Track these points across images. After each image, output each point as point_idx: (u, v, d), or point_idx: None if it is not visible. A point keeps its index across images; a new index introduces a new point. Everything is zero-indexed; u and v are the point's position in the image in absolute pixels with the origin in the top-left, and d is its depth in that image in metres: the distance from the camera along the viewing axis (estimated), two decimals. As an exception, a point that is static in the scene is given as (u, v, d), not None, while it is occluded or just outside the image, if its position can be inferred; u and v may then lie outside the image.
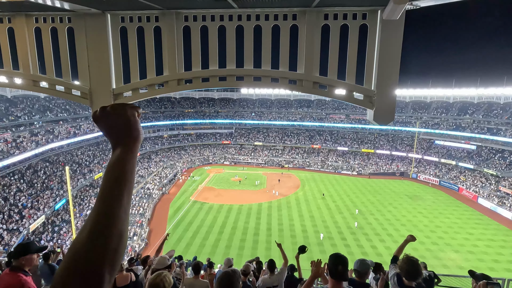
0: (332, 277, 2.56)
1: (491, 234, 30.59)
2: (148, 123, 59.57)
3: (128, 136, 0.90)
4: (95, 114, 0.93)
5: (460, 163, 49.54)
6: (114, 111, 0.93)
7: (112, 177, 0.80)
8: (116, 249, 0.70)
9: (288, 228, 31.53)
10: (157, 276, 2.84)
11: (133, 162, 0.86)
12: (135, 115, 0.95)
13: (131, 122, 0.92)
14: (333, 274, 2.56)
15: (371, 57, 3.02)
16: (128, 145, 0.88)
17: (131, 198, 0.83)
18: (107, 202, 0.76)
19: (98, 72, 3.08)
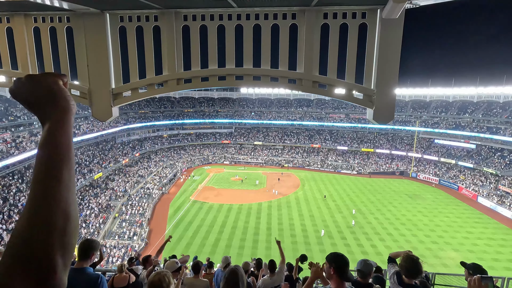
0: (341, 278, 2.56)
1: (490, 233, 30.64)
2: (147, 122, 59.58)
3: (55, 107, 0.79)
4: (11, 88, 0.83)
5: (460, 162, 49.60)
6: (32, 80, 0.82)
7: (44, 155, 0.72)
8: (64, 228, 0.64)
9: (288, 228, 31.56)
10: (156, 275, 2.84)
11: (67, 136, 0.77)
12: (58, 83, 0.83)
13: (54, 91, 0.81)
14: (341, 275, 2.56)
15: (371, 56, 3.02)
16: (56, 118, 0.78)
17: (74, 176, 0.74)
18: (43, 181, 0.68)
19: (97, 72, 3.08)
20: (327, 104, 68.62)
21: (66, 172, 0.71)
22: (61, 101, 0.81)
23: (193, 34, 3.11)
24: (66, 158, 0.73)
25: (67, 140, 0.76)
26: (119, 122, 52.69)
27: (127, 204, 36.15)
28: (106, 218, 31.75)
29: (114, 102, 3.17)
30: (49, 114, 0.79)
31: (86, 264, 3.03)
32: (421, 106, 61.49)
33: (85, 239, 3.18)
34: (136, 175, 45.72)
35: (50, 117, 0.78)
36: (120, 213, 34.16)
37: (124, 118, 55.55)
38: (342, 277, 2.57)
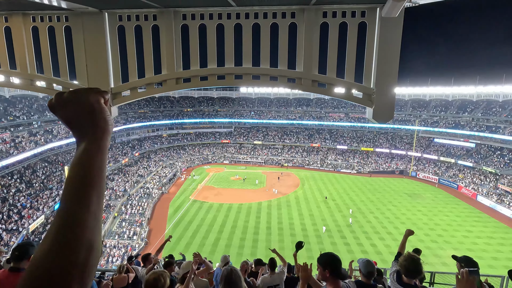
0: (338, 278, 2.55)
1: (490, 232, 30.69)
2: (147, 122, 59.53)
3: (94, 127, 0.76)
4: (51, 102, 0.78)
5: (459, 161, 49.65)
6: (74, 97, 0.77)
7: (77, 177, 0.68)
8: (85, 263, 0.60)
9: (288, 227, 31.58)
10: (152, 274, 2.84)
11: (102, 159, 0.74)
12: (100, 102, 0.80)
13: (96, 111, 0.77)
14: (338, 275, 2.56)
15: (370, 55, 3.02)
16: (95, 138, 0.75)
17: (103, 202, 0.71)
18: (72, 206, 0.65)
19: (96, 71, 3.07)
20: (326, 104, 68.59)
21: (95, 199, 0.68)
22: (101, 122, 0.77)
23: (192, 33, 3.10)
24: (98, 183, 0.70)
25: (101, 164, 0.73)
26: (118, 121, 52.63)
27: (126, 204, 36.14)
28: (106, 218, 31.73)
29: (113, 102, 3.17)
30: (86, 134, 0.75)
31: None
32: (420, 105, 61.51)
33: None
34: (136, 175, 45.70)
35: (88, 137, 0.75)
36: (120, 213, 34.16)
37: (124, 117, 55.50)
38: (339, 277, 2.58)
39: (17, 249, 2.86)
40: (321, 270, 2.59)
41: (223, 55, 3.13)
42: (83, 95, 0.78)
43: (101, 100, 0.80)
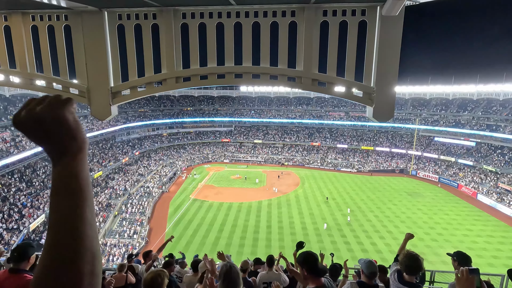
0: (317, 276, 2.60)
1: (490, 230, 30.71)
2: (147, 121, 59.53)
3: (73, 140, 0.71)
4: (18, 118, 0.69)
5: (460, 160, 49.64)
6: (45, 111, 0.69)
7: (67, 193, 0.67)
8: (92, 271, 0.62)
9: (288, 226, 31.61)
10: (149, 274, 2.86)
11: (87, 171, 0.72)
12: (72, 111, 0.72)
13: (69, 121, 0.71)
14: (316, 273, 2.59)
15: (370, 54, 3.01)
16: (75, 152, 0.71)
17: (94, 212, 0.71)
18: (68, 221, 0.64)
19: (95, 70, 3.06)
20: (326, 102, 68.54)
21: (88, 210, 0.68)
22: (79, 133, 0.72)
23: (192, 32, 3.09)
24: (87, 194, 0.70)
25: (87, 177, 0.72)
26: (118, 121, 52.63)
27: (127, 203, 36.18)
28: (107, 217, 31.78)
29: (113, 101, 3.16)
30: (65, 148, 0.70)
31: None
32: (421, 104, 61.44)
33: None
34: (136, 174, 45.73)
35: (68, 151, 0.70)
36: (120, 212, 34.20)
37: (124, 116, 55.50)
38: (318, 275, 2.60)
39: (17, 250, 2.85)
40: (301, 269, 2.64)
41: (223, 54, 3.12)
42: (55, 106, 0.70)
43: (72, 109, 0.73)
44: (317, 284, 2.59)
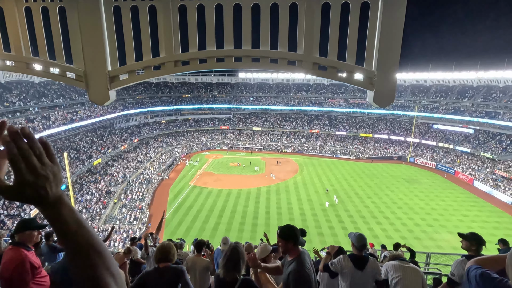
0: (299, 245, 2.79)
1: (485, 216, 31.27)
2: (145, 108, 59.12)
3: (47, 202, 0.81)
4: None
5: (458, 147, 49.88)
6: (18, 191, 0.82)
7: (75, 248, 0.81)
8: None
9: (287, 212, 32.05)
10: (165, 242, 3.02)
11: (75, 215, 0.83)
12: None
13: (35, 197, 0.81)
14: (298, 242, 2.78)
15: (372, 37, 2.96)
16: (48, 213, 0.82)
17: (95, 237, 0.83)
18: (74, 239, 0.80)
19: (92, 54, 3.00)
20: (326, 89, 68.07)
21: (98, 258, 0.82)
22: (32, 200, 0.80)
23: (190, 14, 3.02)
24: (90, 241, 0.83)
25: (79, 222, 0.83)
26: (116, 108, 52.25)
27: (127, 190, 36.45)
28: (107, 204, 32.08)
29: (111, 85, 3.12)
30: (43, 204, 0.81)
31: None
32: (420, 90, 61.11)
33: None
34: (135, 161, 45.83)
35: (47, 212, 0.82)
36: (120, 199, 34.50)
37: (122, 103, 55.04)
38: (300, 244, 2.80)
39: (18, 223, 3.13)
40: (284, 243, 2.74)
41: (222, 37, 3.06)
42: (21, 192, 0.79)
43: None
44: (296, 254, 2.75)
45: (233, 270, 2.67)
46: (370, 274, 3.58)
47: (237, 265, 2.68)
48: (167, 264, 3.01)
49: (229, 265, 2.69)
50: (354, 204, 34.17)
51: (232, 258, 2.70)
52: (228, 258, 2.72)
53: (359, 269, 3.58)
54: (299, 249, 2.78)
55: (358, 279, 3.56)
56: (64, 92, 44.43)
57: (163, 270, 2.92)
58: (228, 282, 2.66)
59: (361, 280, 3.56)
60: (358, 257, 3.64)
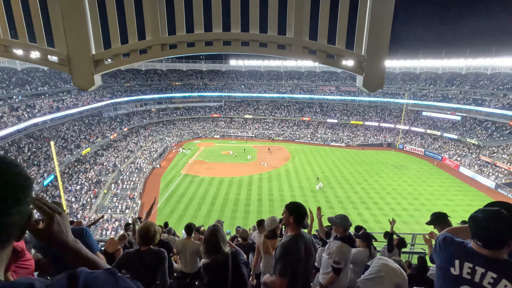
0: (299, 225, 2.76)
1: (469, 200, 32.40)
2: (134, 96, 57.91)
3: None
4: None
5: (445, 134, 50.97)
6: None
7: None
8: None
9: (278, 199, 32.47)
10: (146, 223, 2.97)
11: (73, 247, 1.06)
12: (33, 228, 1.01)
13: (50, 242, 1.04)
14: (300, 223, 2.76)
15: (362, 20, 2.93)
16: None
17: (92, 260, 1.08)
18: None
19: (74, 36, 2.88)
20: (317, 77, 67.91)
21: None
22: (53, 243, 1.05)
23: (177, -5, 2.92)
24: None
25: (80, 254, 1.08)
26: (104, 96, 51.02)
27: (118, 179, 36.12)
28: (97, 193, 31.80)
29: (95, 70, 3.02)
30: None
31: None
32: (410, 78, 61.62)
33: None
34: (126, 150, 45.26)
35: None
36: (111, 188, 34.21)
37: (110, 91, 53.74)
38: (301, 225, 2.77)
39: None
40: (287, 215, 2.77)
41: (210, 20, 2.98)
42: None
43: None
44: (295, 233, 2.72)
45: (215, 253, 2.70)
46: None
47: (218, 246, 2.71)
48: (148, 246, 2.93)
49: (209, 249, 2.72)
50: (344, 190, 34.83)
51: (211, 241, 2.73)
52: (207, 241, 2.75)
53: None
54: (300, 230, 2.75)
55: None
56: (49, 80, 43.00)
57: (144, 252, 2.85)
58: (217, 264, 2.70)
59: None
60: (348, 238, 3.80)
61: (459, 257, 1.79)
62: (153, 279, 2.82)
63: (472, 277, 1.71)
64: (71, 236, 1.05)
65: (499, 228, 1.63)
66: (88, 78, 3.00)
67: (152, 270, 2.82)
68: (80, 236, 2.98)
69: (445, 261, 1.87)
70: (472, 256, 1.75)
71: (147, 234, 2.84)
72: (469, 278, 1.72)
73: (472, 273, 1.71)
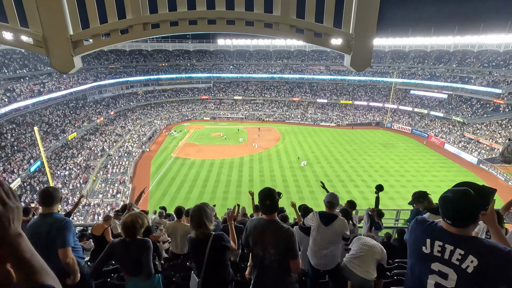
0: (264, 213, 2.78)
1: (452, 176, 33.64)
2: (120, 78, 56.10)
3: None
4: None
5: (432, 112, 51.92)
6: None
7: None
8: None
9: (269, 179, 32.91)
10: (129, 216, 2.94)
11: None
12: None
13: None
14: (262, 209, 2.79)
15: (350, -3, 2.87)
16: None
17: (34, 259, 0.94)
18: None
19: (50, 15, 2.72)
20: (307, 56, 67.05)
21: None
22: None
23: (157, -30, 2.77)
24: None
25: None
26: (88, 78, 49.20)
27: (107, 164, 35.69)
28: (87, 178, 31.45)
29: (74, 51, 2.89)
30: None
31: (51, 210, 3.06)
32: (400, 56, 61.59)
33: (45, 187, 3.22)
34: (114, 134, 44.43)
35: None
36: (101, 173, 33.86)
37: (93, 74, 51.80)
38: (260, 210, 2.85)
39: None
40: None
41: (193, -3, 2.86)
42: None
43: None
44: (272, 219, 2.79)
45: (197, 228, 2.77)
46: (334, 230, 3.85)
47: (201, 222, 2.77)
48: (133, 237, 2.91)
49: (193, 224, 2.80)
50: (333, 169, 35.52)
51: (194, 216, 2.80)
52: (191, 216, 2.82)
53: (324, 224, 3.88)
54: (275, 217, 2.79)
55: (322, 233, 3.88)
56: (27, 62, 40.99)
57: (129, 242, 2.86)
58: (200, 239, 2.78)
59: (326, 235, 3.87)
60: (326, 214, 3.92)
61: (430, 236, 1.91)
62: (140, 268, 2.86)
63: (442, 255, 1.82)
64: (15, 230, 0.93)
65: (467, 207, 1.74)
66: (67, 60, 2.87)
67: (137, 260, 2.85)
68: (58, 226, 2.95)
69: (418, 240, 1.99)
70: (441, 234, 1.86)
71: (130, 229, 2.85)
72: (439, 255, 1.83)
73: (442, 250, 1.82)
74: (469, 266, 1.70)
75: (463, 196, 1.75)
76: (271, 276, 2.72)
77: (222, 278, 2.89)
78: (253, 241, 2.79)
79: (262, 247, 2.72)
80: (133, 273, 2.95)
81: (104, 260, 2.91)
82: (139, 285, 2.93)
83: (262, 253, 2.72)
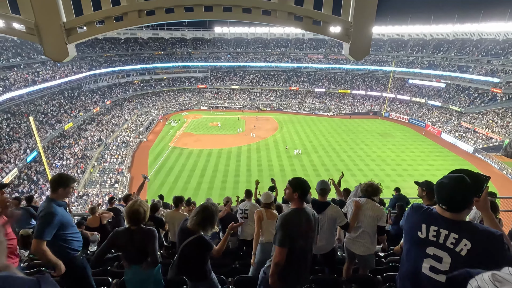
0: (304, 201, 2.81)
1: (448, 165, 33.96)
2: (115, 67, 55.30)
3: None
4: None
5: (429, 101, 51.90)
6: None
7: None
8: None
9: (267, 168, 33.06)
10: (133, 203, 2.94)
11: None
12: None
13: None
14: (304, 199, 2.81)
15: (350, -17, 2.81)
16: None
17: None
18: None
19: (41, 1, 2.65)
20: (305, 44, 66.24)
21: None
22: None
23: (152, -45, 2.68)
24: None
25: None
26: (82, 67, 48.43)
27: (104, 154, 35.60)
28: (85, 168, 31.42)
29: (68, 39, 2.83)
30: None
31: (52, 196, 3.02)
32: (398, 45, 61.03)
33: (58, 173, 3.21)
34: (110, 124, 44.13)
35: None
36: (99, 162, 33.81)
37: (88, 62, 50.97)
38: (305, 201, 2.83)
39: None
40: (290, 191, 2.79)
41: (189, -17, 2.78)
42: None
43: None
44: (297, 206, 2.78)
45: (198, 225, 2.81)
46: (328, 217, 3.92)
47: (203, 222, 2.81)
48: (138, 226, 2.92)
49: (197, 218, 2.82)
50: (331, 158, 35.70)
51: (203, 214, 2.82)
52: (197, 213, 2.83)
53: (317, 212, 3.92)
54: (302, 204, 2.79)
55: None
56: (20, 50, 40.17)
57: (134, 231, 2.86)
58: (189, 231, 2.83)
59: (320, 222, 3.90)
60: (318, 202, 3.97)
61: (425, 221, 1.97)
62: (144, 257, 2.88)
63: (437, 239, 1.88)
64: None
65: (462, 192, 1.80)
66: (61, 49, 2.81)
67: (142, 248, 2.85)
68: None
69: (413, 226, 2.05)
70: (436, 219, 1.92)
71: (135, 216, 2.85)
72: (434, 240, 1.90)
73: (437, 235, 1.89)
74: (462, 249, 1.76)
75: (458, 182, 1.81)
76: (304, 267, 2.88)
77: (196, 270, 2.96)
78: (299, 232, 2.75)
79: (305, 240, 2.76)
80: (134, 262, 2.97)
81: (108, 248, 2.93)
82: (139, 273, 2.96)
83: (304, 246, 2.77)
